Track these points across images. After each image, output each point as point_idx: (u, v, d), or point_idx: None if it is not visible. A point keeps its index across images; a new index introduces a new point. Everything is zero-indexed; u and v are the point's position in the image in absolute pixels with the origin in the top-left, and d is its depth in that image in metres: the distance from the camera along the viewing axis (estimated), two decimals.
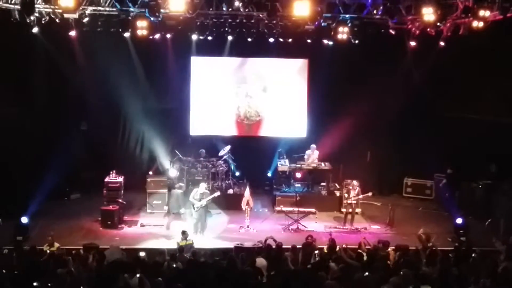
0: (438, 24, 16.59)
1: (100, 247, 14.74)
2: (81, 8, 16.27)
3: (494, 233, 16.86)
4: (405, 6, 16.59)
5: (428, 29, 17.29)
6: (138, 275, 11.61)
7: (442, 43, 18.25)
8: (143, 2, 16.20)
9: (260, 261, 13.12)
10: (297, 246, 14.71)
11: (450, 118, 20.78)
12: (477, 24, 16.22)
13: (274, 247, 14.26)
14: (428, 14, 15.87)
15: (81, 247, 14.61)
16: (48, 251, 14.47)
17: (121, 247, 14.92)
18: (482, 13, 15.90)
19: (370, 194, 18.94)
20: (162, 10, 16.18)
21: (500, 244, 14.88)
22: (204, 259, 13.40)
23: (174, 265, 12.92)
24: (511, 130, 19.19)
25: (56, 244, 14.91)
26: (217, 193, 18.28)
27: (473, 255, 13.74)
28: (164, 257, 13.41)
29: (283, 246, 14.31)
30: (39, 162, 19.51)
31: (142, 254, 14.06)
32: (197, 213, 17.55)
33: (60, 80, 20.46)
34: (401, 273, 11.64)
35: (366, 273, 11.96)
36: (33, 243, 14.84)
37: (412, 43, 18.39)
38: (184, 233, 15.41)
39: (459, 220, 17.56)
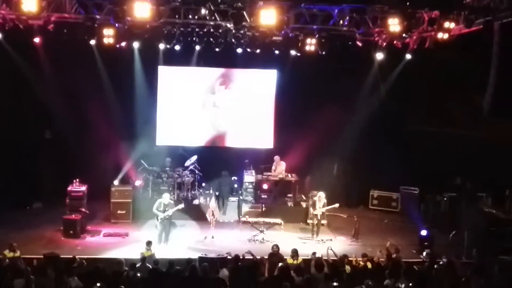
0: (404, 35, 16.70)
1: (61, 256, 14.44)
2: (46, 14, 16.02)
3: (456, 246, 17.15)
4: (371, 17, 16.66)
5: (395, 41, 17.41)
6: (98, 284, 11.44)
7: (408, 56, 18.39)
8: (109, 8, 16.00)
9: (223, 272, 13.02)
10: (264, 257, 14.59)
11: (416, 131, 20.98)
12: (442, 35, 16.38)
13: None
14: (394, 25, 15.99)
15: (42, 256, 14.30)
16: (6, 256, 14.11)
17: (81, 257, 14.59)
18: (447, 24, 16.11)
19: (336, 205, 18.83)
20: (128, 18, 16.00)
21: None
22: (166, 269, 13.15)
23: (138, 274, 12.71)
24: (476, 143, 19.43)
25: (18, 252, 14.48)
26: (181, 205, 17.93)
27: (435, 267, 13.82)
28: (122, 267, 13.12)
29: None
30: (0, 170, 19.11)
31: None
32: (161, 224, 17.30)
33: (24, 87, 20.15)
34: (363, 286, 11.65)
35: (335, 284, 11.94)
36: None
37: (379, 56, 18.45)
38: (148, 243, 15.18)
39: (423, 232, 17.66)
